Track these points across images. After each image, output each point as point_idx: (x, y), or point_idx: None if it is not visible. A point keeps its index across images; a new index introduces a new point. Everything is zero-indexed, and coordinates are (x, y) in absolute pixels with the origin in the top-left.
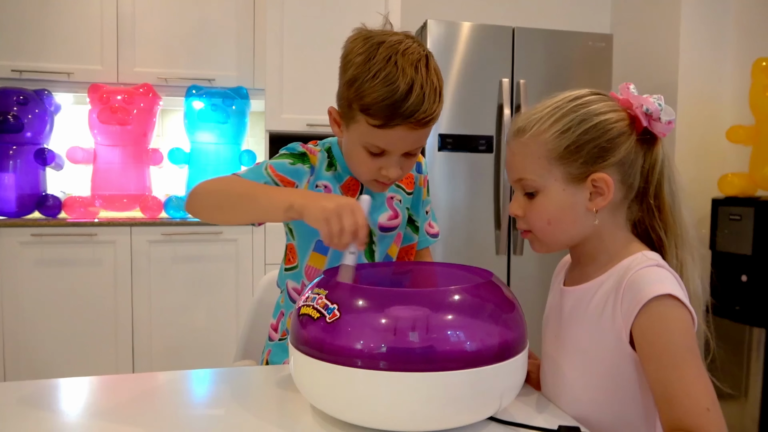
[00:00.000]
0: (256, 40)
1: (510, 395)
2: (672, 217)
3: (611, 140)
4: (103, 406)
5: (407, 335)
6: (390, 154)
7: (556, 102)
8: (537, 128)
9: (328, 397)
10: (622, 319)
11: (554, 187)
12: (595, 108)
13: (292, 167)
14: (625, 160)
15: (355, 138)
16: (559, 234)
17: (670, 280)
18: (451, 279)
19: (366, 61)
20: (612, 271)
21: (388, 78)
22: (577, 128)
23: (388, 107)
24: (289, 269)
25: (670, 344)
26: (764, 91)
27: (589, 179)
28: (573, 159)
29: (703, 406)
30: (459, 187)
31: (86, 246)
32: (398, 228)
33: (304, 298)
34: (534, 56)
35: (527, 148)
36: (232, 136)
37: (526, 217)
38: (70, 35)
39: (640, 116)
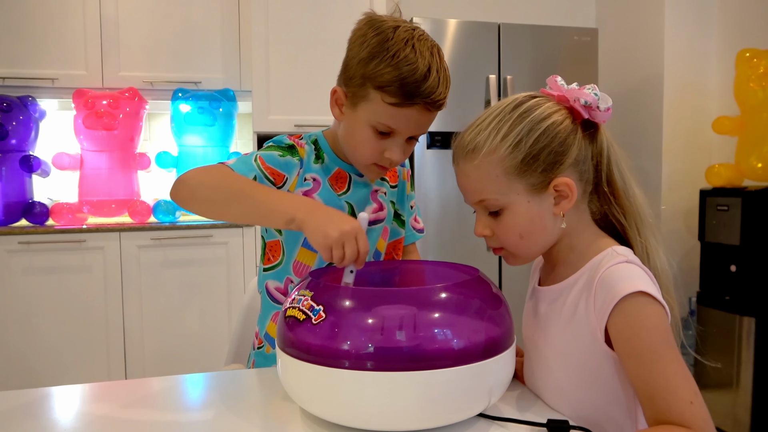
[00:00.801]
0: (241, 42)
1: (498, 391)
2: (627, 200)
3: (563, 142)
4: (95, 415)
5: (394, 334)
6: (397, 136)
7: (497, 114)
8: (488, 147)
9: (316, 399)
10: (596, 317)
11: (518, 201)
12: (539, 113)
13: (282, 159)
14: (579, 158)
15: (364, 117)
16: (533, 245)
17: (641, 276)
18: (437, 277)
19: (384, 41)
20: (583, 270)
21: (408, 59)
22: (527, 138)
23: (407, 85)
24: (269, 269)
25: (646, 341)
26: (748, 82)
27: (551, 186)
28: (531, 170)
29: (687, 400)
30: (449, 184)
31: (75, 253)
32: (384, 221)
33: (290, 299)
34: (520, 52)
35: (481, 169)
36: (219, 138)
37: (495, 235)
38: (53, 40)
39: (579, 109)
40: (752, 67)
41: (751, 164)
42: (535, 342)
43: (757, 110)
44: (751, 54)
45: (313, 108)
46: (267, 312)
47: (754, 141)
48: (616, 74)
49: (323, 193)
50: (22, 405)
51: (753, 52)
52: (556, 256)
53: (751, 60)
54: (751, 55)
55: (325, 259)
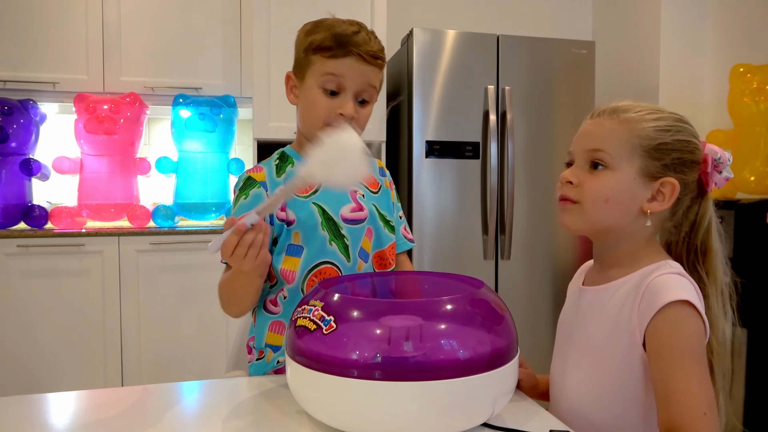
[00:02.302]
0: (243, 48)
1: (502, 401)
2: (714, 268)
3: (693, 162)
4: (92, 422)
5: (402, 345)
6: (345, 92)
7: (658, 108)
8: (639, 115)
9: (325, 407)
10: (638, 320)
11: (626, 172)
12: (690, 129)
13: (246, 202)
14: (688, 186)
15: (311, 82)
16: (608, 216)
17: (688, 288)
18: (442, 288)
19: (318, 22)
20: (634, 275)
21: (337, 24)
22: (676, 134)
23: (338, 37)
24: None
25: (678, 346)
26: (742, 97)
27: (659, 181)
28: (658, 157)
29: (701, 410)
30: (446, 193)
31: (73, 256)
32: (366, 222)
33: (301, 309)
34: (518, 63)
35: (620, 126)
36: (219, 144)
37: (581, 186)
38: (55, 45)
39: (708, 159)
40: (746, 82)
41: (745, 177)
42: (570, 339)
43: (750, 124)
44: (745, 69)
45: None
46: (263, 324)
47: (748, 154)
48: (613, 86)
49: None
50: (18, 412)
51: (746, 67)
52: (611, 257)
53: (744, 75)
54: (744, 70)
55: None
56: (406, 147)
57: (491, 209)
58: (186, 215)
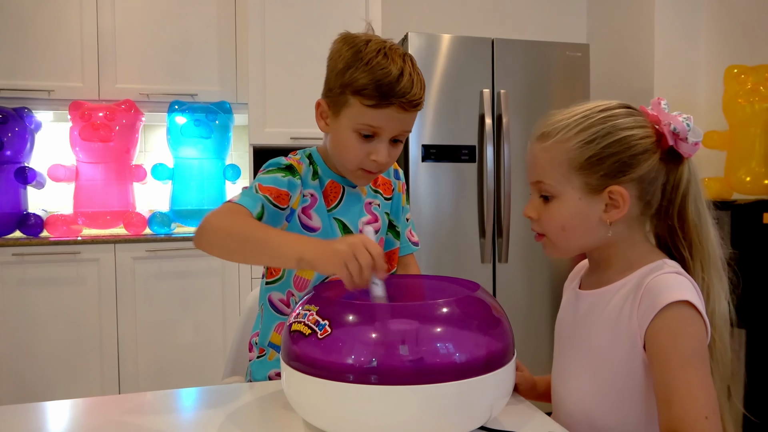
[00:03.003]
0: (238, 55)
1: (500, 404)
2: (698, 237)
3: (634, 156)
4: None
5: (398, 349)
6: (380, 137)
7: (584, 111)
8: (562, 135)
9: (321, 412)
10: (638, 322)
11: (571, 195)
12: (623, 122)
13: (284, 179)
14: (645, 177)
15: (346, 123)
16: (572, 241)
17: (688, 288)
18: (438, 291)
19: (357, 52)
20: (631, 277)
21: (380, 64)
22: (601, 140)
23: (382, 86)
24: (271, 282)
25: (679, 348)
26: (736, 98)
27: (606, 191)
28: (593, 170)
29: (702, 414)
30: (443, 196)
31: (69, 264)
32: (380, 233)
33: (295, 314)
34: (513, 67)
35: (549, 153)
36: (215, 150)
37: (540, 220)
38: (50, 52)
39: (666, 134)
40: (740, 83)
41: (740, 178)
42: (570, 344)
43: (745, 125)
44: (739, 70)
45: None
46: (270, 323)
47: (743, 155)
48: (607, 89)
49: (319, 208)
50: (15, 421)
51: (741, 69)
52: (605, 261)
53: (738, 76)
54: (738, 71)
55: (344, 279)
56: (402, 152)
57: (488, 212)
58: (182, 222)
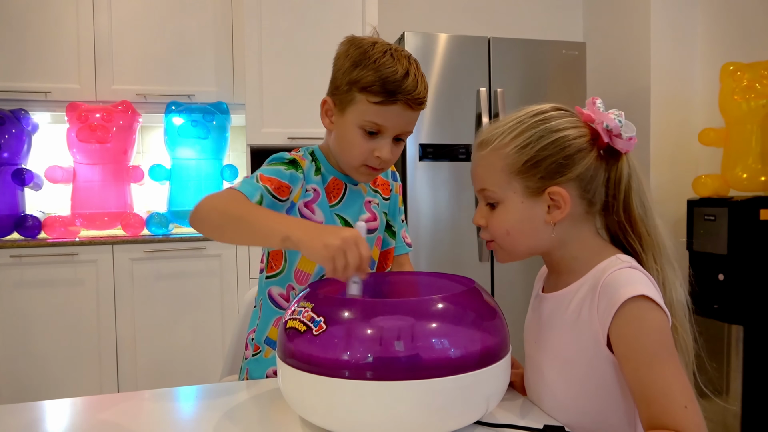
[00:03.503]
0: (234, 55)
1: (495, 399)
2: (646, 230)
3: (569, 156)
4: (87, 428)
5: (393, 345)
6: (384, 134)
7: (519, 116)
8: (498, 142)
9: (317, 408)
10: (599, 322)
11: (513, 200)
12: (556, 124)
13: (287, 173)
14: (584, 176)
15: (352, 120)
16: (518, 244)
17: (643, 282)
18: (433, 288)
19: (364, 53)
20: (587, 276)
21: (387, 63)
22: (536, 144)
23: (388, 84)
24: (272, 276)
25: (646, 344)
26: (732, 95)
27: (546, 192)
28: (531, 173)
29: (681, 404)
30: (441, 195)
31: (67, 266)
32: (377, 231)
33: (290, 311)
34: (510, 65)
35: (488, 160)
36: (213, 151)
37: (488, 227)
38: (46, 54)
39: (601, 132)
40: (736, 80)
41: (737, 175)
42: (536, 347)
43: (742, 122)
44: (735, 67)
45: (306, 121)
46: (268, 318)
47: (739, 152)
48: (604, 87)
49: (321, 203)
50: (14, 420)
51: (736, 66)
52: (558, 264)
53: (734, 73)
54: (734, 68)
55: (327, 271)
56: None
57: None
58: (180, 223)
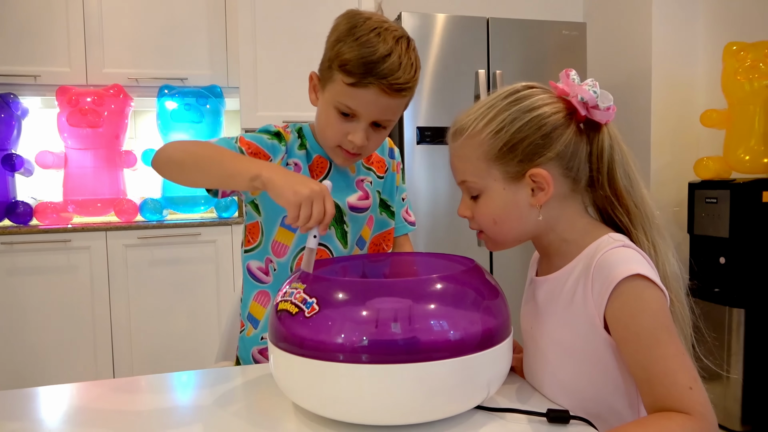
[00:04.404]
0: (228, 38)
1: (497, 382)
2: (633, 202)
3: (545, 136)
4: (81, 413)
5: (389, 327)
6: (359, 119)
7: (490, 100)
8: (471, 130)
9: (310, 394)
10: (594, 303)
11: (495, 188)
12: (528, 104)
13: (269, 142)
14: (564, 154)
15: (329, 98)
16: (507, 232)
17: (638, 260)
18: (432, 268)
19: (351, 27)
20: (580, 257)
21: (369, 41)
22: (509, 127)
23: (363, 65)
24: (250, 250)
25: (644, 325)
26: (735, 75)
27: (528, 176)
28: (509, 158)
29: (685, 385)
30: (439, 179)
31: (60, 253)
32: (369, 210)
33: (282, 293)
34: (509, 46)
35: (464, 150)
36: (207, 135)
37: (474, 218)
38: (35, 37)
39: (577, 106)
40: (739, 60)
41: (739, 157)
42: (533, 333)
43: (745, 103)
44: (738, 47)
45: (302, 104)
46: (249, 292)
47: (742, 134)
48: (605, 68)
49: None
50: (8, 406)
51: (740, 45)
52: (548, 247)
53: (738, 53)
54: (738, 48)
55: (290, 219)
56: (397, 134)
57: None
58: (174, 208)
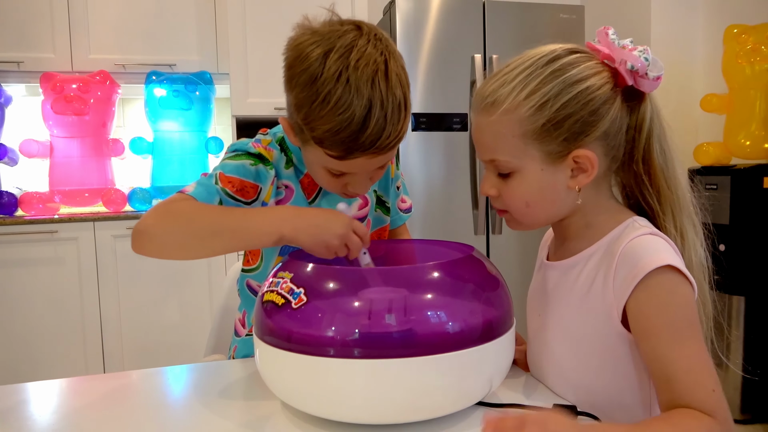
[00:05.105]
0: (218, 22)
1: (499, 377)
2: (665, 182)
3: (593, 112)
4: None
5: (383, 318)
6: (354, 175)
7: (528, 67)
8: (509, 103)
9: (298, 391)
10: (615, 294)
11: (531, 168)
12: (575, 74)
13: (254, 169)
14: (610, 130)
15: (314, 159)
16: (538, 214)
17: (668, 250)
18: (429, 255)
19: (313, 81)
20: (601, 243)
21: (340, 104)
22: (554, 102)
23: (344, 141)
24: (248, 270)
25: (671, 319)
26: (736, 59)
27: (570, 156)
28: (551, 137)
29: (709, 387)
30: (435, 167)
31: (47, 244)
32: (367, 215)
33: (268, 283)
34: (506, 30)
35: (498, 126)
36: (197, 123)
37: (501, 197)
38: (18, 21)
39: (624, 74)
40: (740, 43)
41: (740, 142)
42: (540, 321)
43: (745, 87)
44: (739, 30)
45: None
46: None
47: (743, 119)
48: None
49: (297, 200)
50: None
51: (741, 28)
52: (567, 230)
53: (739, 36)
54: (739, 31)
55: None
56: None
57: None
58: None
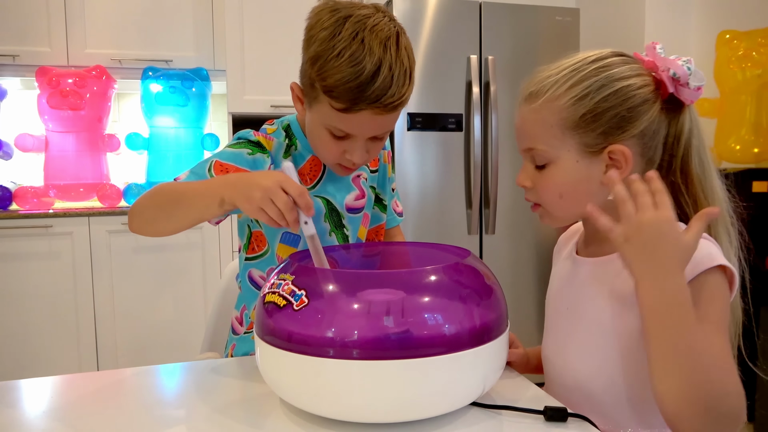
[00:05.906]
0: (215, 18)
1: (493, 378)
2: (703, 192)
3: (633, 108)
4: (65, 408)
5: (382, 321)
6: (355, 138)
7: (574, 63)
8: (551, 93)
9: (298, 390)
10: None
11: (567, 159)
12: (618, 72)
13: (251, 158)
14: (647, 131)
15: (318, 119)
16: (571, 209)
17: (717, 251)
18: (426, 259)
19: (331, 37)
20: None
21: (353, 57)
22: (596, 94)
23: (352, 90)
24: (252, 258)
25: (708, 312)
26: (728, 64)
27: (606, 151)
28: (590, 128)
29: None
30: (429, 166)
31: (41, 239)
32: (365, 208)
33: (269, 284)
34: (501, 32)
35: (539, 114)
36: (193, 119)
37: (535, 188)
38: (14, 14)
39: (666, 81)
40: (732, 49)
41: (730, 147)
42: (569, 314)
43: (737, 92)
44: (731, 35)
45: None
46: (251, 300)
47: (733, 123)
48: None
49: None
50: None
51: (733, 34)
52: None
53: (731, 41)
54: (731, 36)
55: (267, 223)
56: None
57: (475, 183)
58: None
